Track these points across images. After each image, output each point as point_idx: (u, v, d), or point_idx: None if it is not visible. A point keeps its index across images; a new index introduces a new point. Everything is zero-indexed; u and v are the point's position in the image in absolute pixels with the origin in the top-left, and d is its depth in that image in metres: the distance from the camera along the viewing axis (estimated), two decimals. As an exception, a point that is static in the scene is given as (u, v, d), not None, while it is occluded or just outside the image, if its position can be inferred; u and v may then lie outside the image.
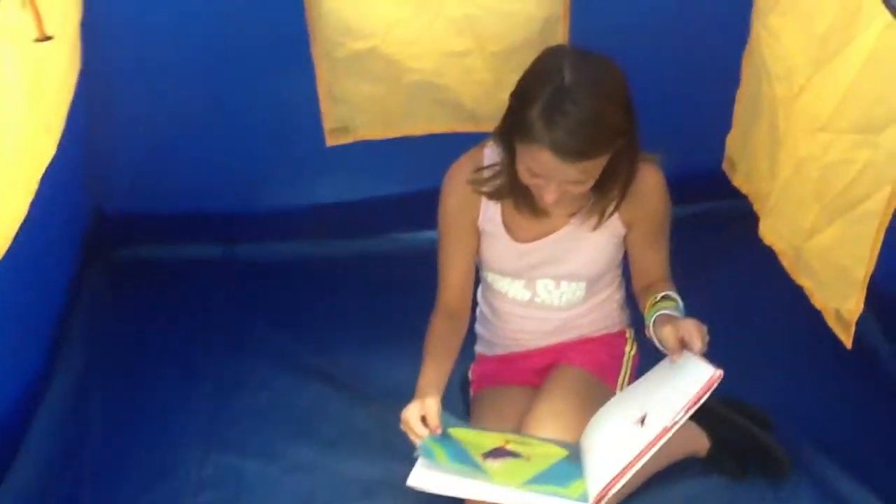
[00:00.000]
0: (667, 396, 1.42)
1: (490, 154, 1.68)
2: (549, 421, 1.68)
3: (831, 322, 1.38)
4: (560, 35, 1.80)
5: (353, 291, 2.42)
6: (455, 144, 1.97)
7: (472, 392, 1.95)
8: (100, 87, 2.05)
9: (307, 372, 2.18)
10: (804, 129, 1.41)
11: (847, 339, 1.34)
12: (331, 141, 1.91)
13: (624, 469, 1.34)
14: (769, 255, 2.15)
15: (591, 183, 1.53)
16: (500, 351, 1.91)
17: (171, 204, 2.44)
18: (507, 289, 1.80)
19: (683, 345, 1.47)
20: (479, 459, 1.53)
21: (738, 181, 1.74)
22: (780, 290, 2.27)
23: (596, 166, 1.49)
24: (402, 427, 1.56)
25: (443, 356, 1.72)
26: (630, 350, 1.88)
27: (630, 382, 1.83)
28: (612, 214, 1.66)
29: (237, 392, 2.12)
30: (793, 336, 1.87)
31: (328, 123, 1.89)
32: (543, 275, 1.75)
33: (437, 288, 1.81)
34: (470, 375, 2.01)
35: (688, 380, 1.37)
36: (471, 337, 1.87)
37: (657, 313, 1.58)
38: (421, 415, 1.54)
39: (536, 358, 1.87)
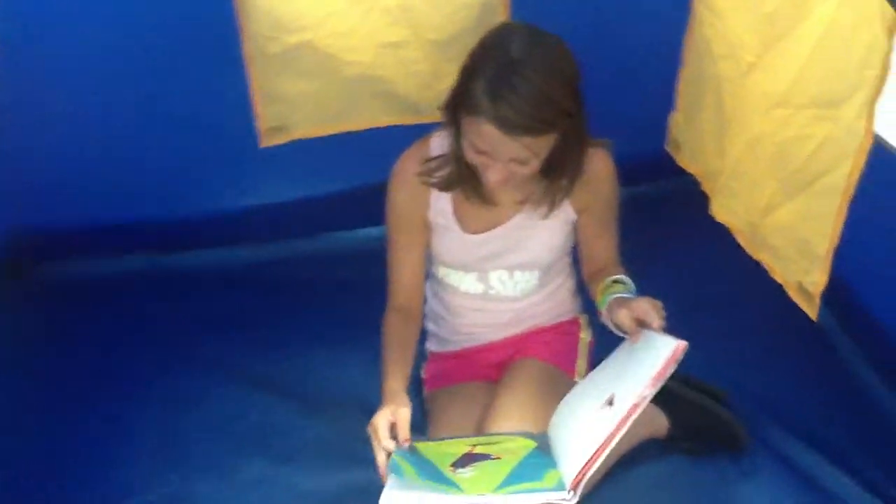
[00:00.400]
0: (632, 375, 1.39)
1: (437, 144, 1.64)
2: (513, 414, 1.65)
3: (794, 295, 1.39)
4: (500, 19, 1.76)
5: (294, 295, 2.36)
6: (392, 138, 1.93)
7: (425, 391, 1.91)
8: (10, 91, 1.93)
9: (255, 383, 2.11)
10: (756, 106, 1.41)
11: (812, 312, 1.35)
12: (266, 141, 1.83)
13: (597, 451, 1.30)
14: (716, 233, 2.18)
15: (536, 164, 1.48)
16: (453, 347, 1.87)
17: (95, 215, 2.33)
18: (460, 282, 1.76)
19: (641, 324, 1.45)
20: (448, 472, 1.48)
21: (684, 161, 1.74)
22: (729, 268, 2.33)
23: (541, 145, 1.44)
24: (369, 432, 1.48)
25: (403, 356, 1.67)
26: (585, 336, 1.87)
27: (588, 369, 1.82)
28: (562, 202, 1.64)
29: (184, 408, 2.03)
30: (745, 314, 1.89)
31: (263, 123, 1.80)
32: (496, 266, 1.72)
33: (386, 285, 1.77)
34: (423, 374, 1.97)
35: (651, 354, 1.35)
36: (421, 334, 1.81)
37: (610, 297, 1.56)
38: (391, 422, 1.46)
39: (493, 352, 1.85)
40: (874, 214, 1.28)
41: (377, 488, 1.72)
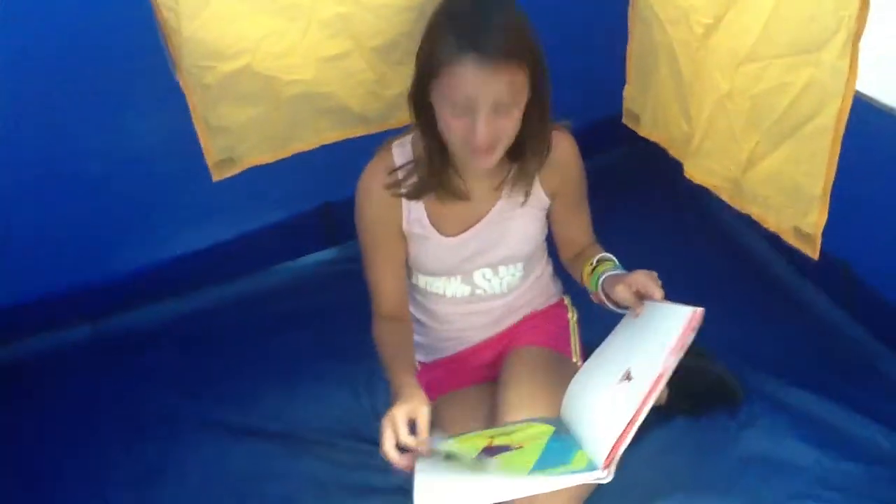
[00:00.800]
0: (647, 346, 1.39)
1: (399, 153, 1.61)
2: (525, 403, 1.63)
3: (791, 240, 1.42)
4: (439, 20, 1.73)
5: (249, 337, 2.30)
6: (324, 159, 1.90)
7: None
8: None
9: (235, 432, 2.06)
10: (722, 65, 1.43)
11: (813, 252, 1.38)
12: (217, 175, 1.74)
13: (627, 427, 1.28)
14: (675, 195, 2.26)
15: (517, 115, 1.44)
16: (442, 354, 1.84)
17: (19, 289, 2.18)
18: (445, 288, 1.73)
19: (641, 297, 1.45)
20: (474, 462, 1.44)
21: (645, 131, 1.76)
22: (690, 230, 2.43)
23: (518, 87, 1.40)
24: (384, 431, 1.39)
25: (406, 354, 1.64)
26: (572, 317, 1.88)
27: (580, 347, 1.83)
28: (533, 183, 1.62)
29: (159, 478, 1.95)
30: (708, 275, 1.94)
31: (211, 157, 1.71)
32: (480, 265, 1.70)
33: (369, 299, 1.72)
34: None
35: (666, 324, 1.35)
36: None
37: (603, 276, 1.56)
38: (410, 418, 1.39)
39: (485, 350, 1.83)
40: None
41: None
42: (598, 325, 1.83)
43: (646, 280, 1.44)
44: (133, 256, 2.31)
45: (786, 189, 1.39)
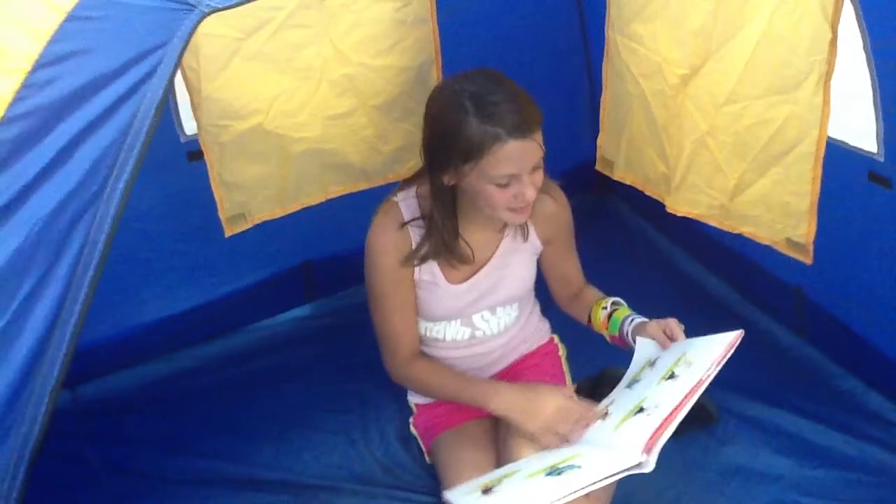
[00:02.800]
0: (688, 359, 1.53)
1: (406, 207, 1.71)
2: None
3: (785, 250, 1.62)
4: (434, 78, 1.89)
5: (233, 392, 2.31)
6: (304, 217, 2.00)
7: (425, 445, 1.94)
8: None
9: (231, 486, 2.04)
10: (702, 107, 1.63)
11: (807, 258, 1.58)
12: (229, 231, 1.81)
13: (669, 416, 1.41)
14: (629, 237, 2.44)
15: (542, 166, 1.59)
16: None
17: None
18: (445, 332, 1.83)
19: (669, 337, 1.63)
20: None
21: (620, 175, 1.95)
22: (650, 268, 2.62)
23: (541, 142, 1.55)
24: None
25: (456, 371, 1.78)
26: (562, 353, 2.01)
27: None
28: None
29: None
30: (677, 307, 2.10)
31: (224, 212, 1.79)
32: (481, 308, 1.81)
33: (389, 351, 1.81)
34: (413, 430, 2.01)
35: (705, 346, 1.52)
36: (398, 389, 1.87)
37: (629, 320, 1.74)
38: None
39: (485, 390, 1.92)
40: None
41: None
42: (582, 360, 2.00)
43: (675, 325, 1.64)
44: (111, 320, 2.29)
45: (775, 207, 1.59)
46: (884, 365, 2.06)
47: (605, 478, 1.41)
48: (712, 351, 1.47)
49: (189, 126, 1.98)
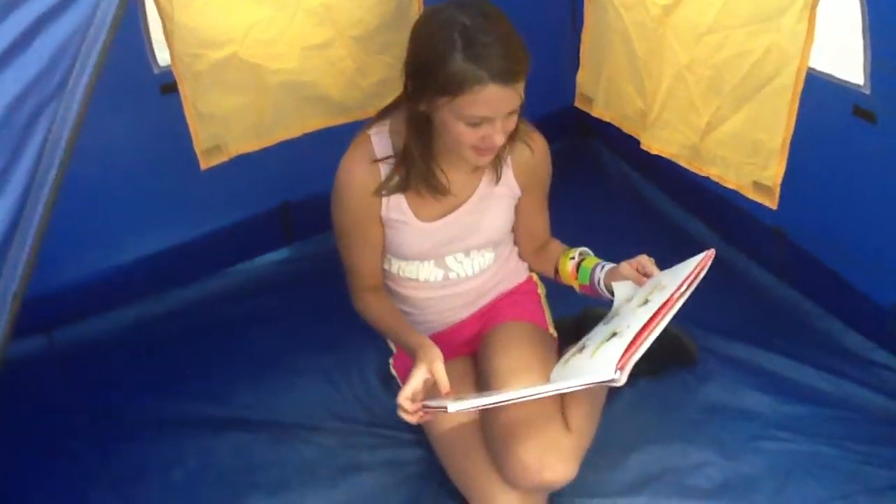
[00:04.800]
0: (659, 290, 1.52)
1: (378, 142, 1.68)
2: (518, 373, 1.73)
3: (751, 194, 1.60)
4: (415, 10, 1.84)
5: (212, 335, 2.31)
6: (282, 158, 1.97)
7: (403, 383, 1.93)
8: None
9: (212, 427, 2.05)
10: (682, 39, 1.59)
11: (772, 203, 1.56)
12: (205, 163, 1.77)
13: (639, 334, 1.40)
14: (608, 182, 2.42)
15: (517, 115, 1.57)
16: (421, 334, 1.91)
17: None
18: (418, 273, 1.81)
19: (643, 274, 1.62)
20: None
21: (598, 112, 1.92)
22: (629, 212, 2.61)
23: (523, 88, 1.52)
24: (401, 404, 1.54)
25: (401, 317, 1.75)
26: (542, 291, 2.00)
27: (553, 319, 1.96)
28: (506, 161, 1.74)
29: (142, 477, 1.94)
30: (657, 250, 2.09)
31: (200, 144, 1.74)
32: (454, 250, 1.79)
33: (349, 282, 1.82)
34: (393, 371, 2.01)
35: (677, 269, 1.52)
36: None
37: (598, 267, 1.73)
38: (428, 381, 1.53)
39: (462, 329, 1.92)
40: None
41: (386, 491, 1.81)
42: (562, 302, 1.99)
43: (647, 261, 1.62)
44: (87, 262, 2.26)
45: (745, 148, 1.56)
46: (862, 304, 2.07)
47: (580, 385, 1.43)
48: (683, 272, 1.47)
49: (162, 57, 1.93)
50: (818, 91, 1.64)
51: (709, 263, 1.49)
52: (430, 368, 1.53)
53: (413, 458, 1.94)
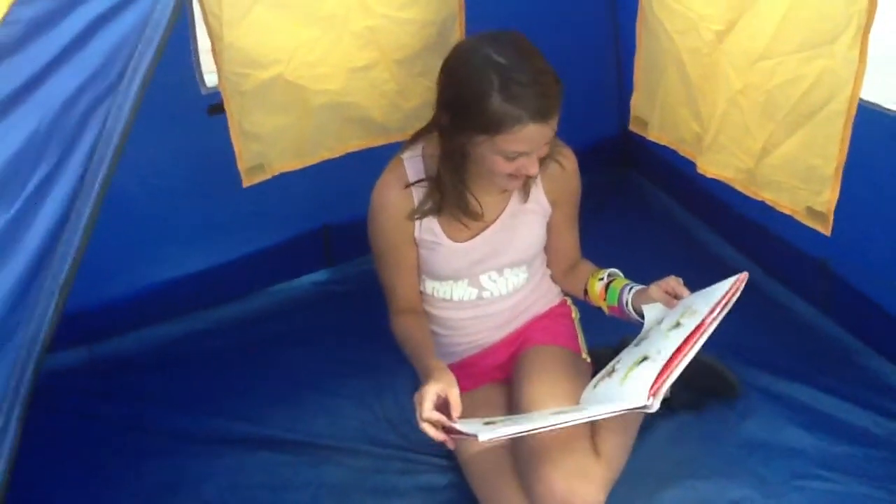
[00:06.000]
0: (694, 308, 1.50)
1: (411, 166, 1.69)
2: (546, 399, 1.70)
3: (804, 220, 1.57)
4: (457, 35, 1.85)
5: (249, 355, 2.32)
6: (324, 181, 1.95)
7: (437, 409, 1.92)
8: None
9: (245, 446, 2.05)
10: (735, 65, 1.58)
11: (826, 229, 1.53)
12: (248, 181, 1.79)
13: (671, 359, 1.37)
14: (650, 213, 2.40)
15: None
16: (454, 360, 1.89)
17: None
18: (452, 292, 1.81)
19: (673, 297, 1.60)
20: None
21: (654, 135, 1.91)
22: (671, 244, 2.58)
23: (557, 124, 1.52)
24: (416, 406, 1.50)
25: (428, 342, 1.73)
26: (576, 315, 1.98)
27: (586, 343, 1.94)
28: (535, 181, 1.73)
29: (173, 493, 1.93)
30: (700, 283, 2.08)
31: (243, 163, 1.76)
32: (488, 268, 1.79)
33: (387, 303, 1.82)
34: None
35: (709, 293, 1.49)
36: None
37: (627, 289, 1.71)
38: (440, 396, 1.49)
39: (496, 353, 1.90)
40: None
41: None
42: (595, 326, 1.96)
43: (676, 283, 1.60)
44: (130, 279, 2.29)
45: (799, 172, 1.54)
46: (910, 341, 2.02)
47: (612, 412, 1.41)
48: (715, 296, 1.44)
49: (210, 79, 1.96)
50: (864, 120, 1.61)
51: (742, 287, 1.47)
52: (447, 390, 1.51)
53: (445, 484, 1.91)
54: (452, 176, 1.62)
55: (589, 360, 1.92)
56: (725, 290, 1.46)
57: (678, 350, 1.37)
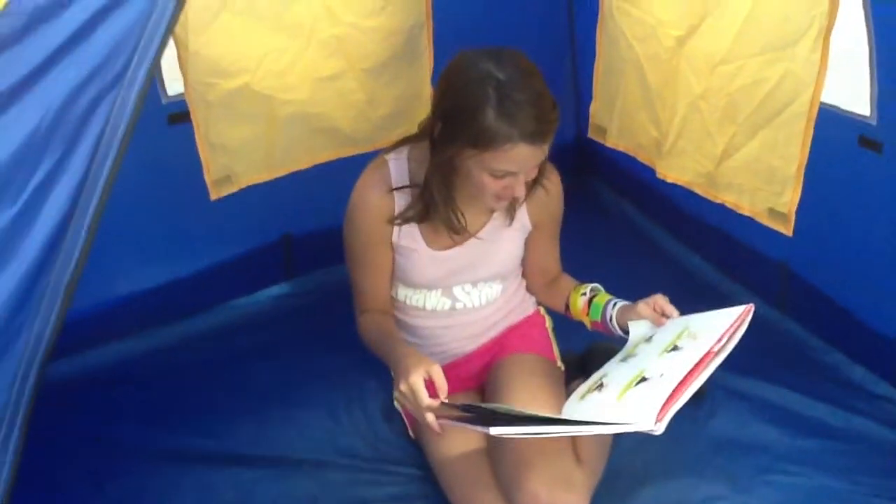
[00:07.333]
0: (694, 332, 1.50)
1: (395, 168, 1.67)
2: (530, 407, 1.66)
3: (766, 221, 1.60)
4: (424, 43, 1.86)
5: (212, 370, 2.26)
6: (284, 191, 1.92)
7: (408, 420, 1.92)
8: None
9: (212, 462, 1.99)
10: (696, 69, 1.62)
11: (787, 229, 1.57)
12: (215, 194, 1.76)
13: (680, 384, 1.37)
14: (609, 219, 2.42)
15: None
16: (428, 369, 1.88)
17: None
18: (425, 301, 1.80)
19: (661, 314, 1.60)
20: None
21: (612, 142, 1.94)
22: (631, 249, 2.61)
23: (547, 148, 1.52)
24: (402, 399, 1.49)
25: (397, 335, 1.71)
26: (549, 324, 1.99)
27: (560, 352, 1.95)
28: (521, 204, 1.74)
29: None
30: (655, 285, 2.10)
31: (210, 175, 1.74)
32: (463, 280, 1.78)
33: (355, 304, 1.80)
34: (397, 405, 1.98)
35: (710, 320, 1.49)
36: (380, 367, 1.78)
37: (611, 304, 1.71)
38: (426, 380, 1.47)
39: (470, 363, 1.90)
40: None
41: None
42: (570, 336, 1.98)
43: (664, 301, 1.61)
44: (87, 294, 2.22)
45: (761, 174, 1.58)
46: (868, 338, 2.07)
47: (616, 430, 1.41)
48: (719, 324, 1.45)
49: (171, 86, 1.93)
50: (824, 122, 1.66)
51: (748, 318, 1.46)
52: (430, 370, 1.49)
53: (418, 494, 1.89)
54: (440, 189, 1.60)
55: (563, 367, 1.93)
56: (732, 320, 1.46)
57: (686, 378, 1.37)
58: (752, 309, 1.49)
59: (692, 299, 1.67)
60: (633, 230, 2.74)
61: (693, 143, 1.68)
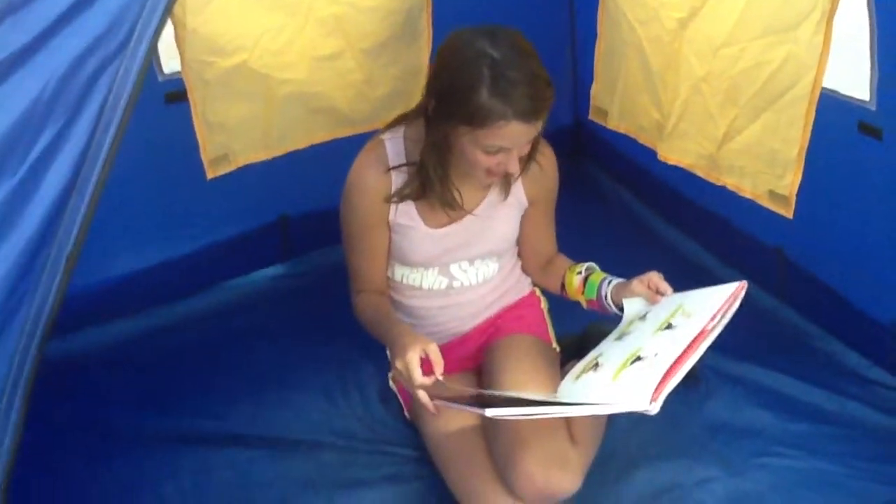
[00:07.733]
0: (687, 310, 1.50)
1: (392, 148, 1.67)
2: (526, 388, 1.70)
3: (766, 203, 1.60)
4: (423, 23, 1.84)
5: (209, 351, 2.26)
6: (282, 172, 1.91)
7: (405, 401, 1.92)
8: None
9: (209, 443, 2.00)
10: (698, 52, 1.61)
11: (788, 212, 1.57)
12: (211, 173, 1.75)
13: (675, 363, 1.36)
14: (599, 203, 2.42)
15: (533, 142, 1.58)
16: (423, 351, 1.88)
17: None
18: (422, 280, 1.80)
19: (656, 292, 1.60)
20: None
21: (614, 124, 1.93)
22: (627, 231, 2.61)
23: (542, 123, 1.53)
24: (398, 377, 1.50)
25: (393, 314, 1.72)
26: (545, 306, 1.99)
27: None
28: (516, 180, 1.75)
29: (135, 494, 1.87)
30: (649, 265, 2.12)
31: (207, 154, 1.73)
32: (459, 258, 1.78)
33: (351, 284, 1.80)
34: (393, 386, 1.98)
35: (703, 297, 1.49)
36: (376, 348, 1.81)
37: (606, 282, 1.71)
38: (422, 358, 1.48)
39: (467, 343, 1.90)
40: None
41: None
42: (565, 317, 1.98)
43: (658, 278, 1.61)
44: (82, 274, 2.21)
45: (762, 157, 1.58)
46: (863, 324, 2.08)
47: (611, 411, 1.40)
48: (713, 301, 1.45)
49: (168, 65, 1.92)
50: (823, 107, 1.65)
51: (741, 295, 1.47)
52: (427, 348, 1.50)
53: (414, 474, 1.90)
54: (436, 166, 1.61)
55: (558, 348, 1.94)
56: (724, 298, 1.46)
57: (681, 356, 1.38)
58: (745, 286, 1.49)
59: (689, 285, 1.66)
60: (629, 215, 2.74)
61: (695, 126, 1.68)
